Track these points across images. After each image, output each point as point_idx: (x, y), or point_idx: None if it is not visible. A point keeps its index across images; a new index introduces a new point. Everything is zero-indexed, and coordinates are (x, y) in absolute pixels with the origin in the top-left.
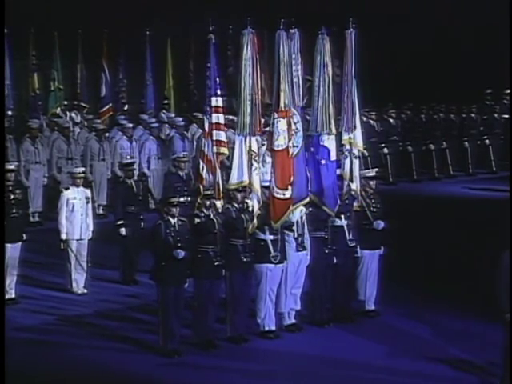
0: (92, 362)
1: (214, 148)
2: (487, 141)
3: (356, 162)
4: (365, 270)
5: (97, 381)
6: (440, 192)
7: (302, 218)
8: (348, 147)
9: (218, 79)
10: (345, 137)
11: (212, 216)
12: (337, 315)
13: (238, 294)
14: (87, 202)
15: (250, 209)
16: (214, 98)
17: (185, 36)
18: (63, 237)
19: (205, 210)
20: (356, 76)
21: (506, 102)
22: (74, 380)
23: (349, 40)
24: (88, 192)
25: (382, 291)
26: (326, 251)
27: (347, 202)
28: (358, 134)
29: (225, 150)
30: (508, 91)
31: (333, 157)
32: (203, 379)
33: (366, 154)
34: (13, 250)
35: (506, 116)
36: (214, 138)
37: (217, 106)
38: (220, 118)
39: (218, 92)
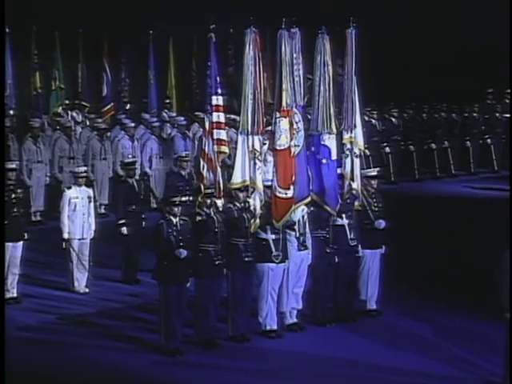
0: (93, 361)
1: (215, 147)
2: (489, 140)
3: (357, 161)
4: (366, 269)
5: (98, 380)
6: (442, 191)
7: (303, 217)
8: (349, 146)
9: (218, 78)
10: (345, 136)
11: (212, 214)
12: (338, 314)
13: (240, 293)
14: (89, 202)
15: (252, 208)
16: (214, 97)
17: (187, 35)
18: (65, 236)
19: (206, 209)
20: (356, 75)
21: (507, 101)
22: (76, 379)
23: (349, 39)
24: (90, 191)
25: (384, 290)
26: (328, 250)
27: (348, 201)
28: (359, 133)
29: (225, 149)
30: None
31: (333, 156)
32: (204, 378)
33: (368, 153)
34: (14, 249)
35: (508, 115)
36: (215, 137)
37: (217, 105)
38: (220, 116)
39: (219, 91)
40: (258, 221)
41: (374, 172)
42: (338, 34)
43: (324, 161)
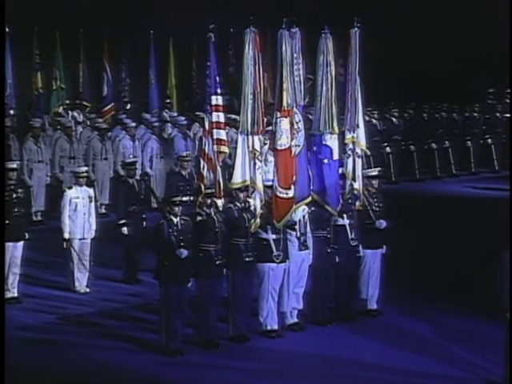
0: (94, 361)
1: (215, 147)
2: (489, 140)
3: (359, 162)
4: (367, 269)
5: (99, 380)
6: (442, 191)
7: (304, 217)
8: (351, 146)
9: (218, 78)
10: (348, 136)
11: (213, 214)
12: (339, 314)
13: (240, 293)
14: (90, 202)
15: (252, 208)
16: (214, 97)
17: (187, 35)
18: (66, 236)
19: (206, 209)
20: (360, 75)
21: (507, 101)
22: (76, 379)
23: (353, 39)
24: (91, 191)
25: (384, 290)
26: (329, 250)
27: (349, 201)
28: (361, 133)
29: (225, 149)
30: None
31: (335, 156)
32: (205, 378)
33: (369, 153)
34: (15, 249)
35: (508, 115)
36: (215, 137)
37: (217, 105)
38: (220, 116)
39: (218, 91)
40: (258, 221)
41: (374, 172)
42: (340, 33)
43: (326, 161)
